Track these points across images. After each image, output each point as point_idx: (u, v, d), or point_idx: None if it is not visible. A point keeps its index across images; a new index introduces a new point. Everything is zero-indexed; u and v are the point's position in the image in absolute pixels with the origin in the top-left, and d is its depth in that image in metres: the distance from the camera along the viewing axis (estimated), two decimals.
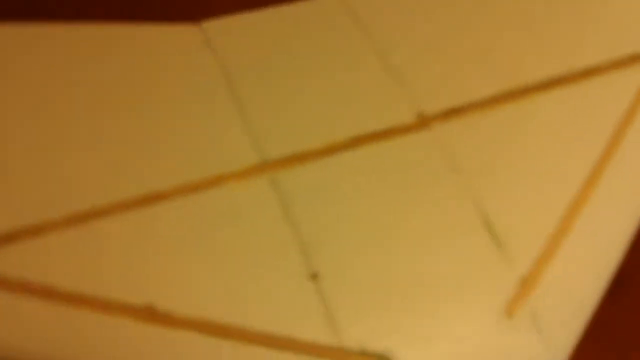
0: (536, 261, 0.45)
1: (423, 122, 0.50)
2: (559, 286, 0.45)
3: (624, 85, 0.52)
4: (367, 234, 0.45)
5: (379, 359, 0.41)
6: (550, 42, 0.55)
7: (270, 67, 0.53)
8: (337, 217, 0.46)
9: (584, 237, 0.47)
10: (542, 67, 0.53)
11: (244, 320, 0.42)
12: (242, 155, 0.48)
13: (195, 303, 0.42)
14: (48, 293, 0.42)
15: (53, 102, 0.50)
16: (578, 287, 0.45)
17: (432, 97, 0.51)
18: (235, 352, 0.41)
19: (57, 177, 0.46)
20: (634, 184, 0.49)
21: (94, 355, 0.41)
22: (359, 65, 0.53)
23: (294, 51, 0.54)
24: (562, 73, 0.53)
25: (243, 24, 0.56)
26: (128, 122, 0.49)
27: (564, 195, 0.48)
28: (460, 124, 0.50)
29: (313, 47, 0.54)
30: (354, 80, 0.52)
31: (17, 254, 0.43)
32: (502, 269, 0.44)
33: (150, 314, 0.41)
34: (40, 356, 0.41)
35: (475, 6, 0.56)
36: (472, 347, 0.42)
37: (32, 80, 0.52)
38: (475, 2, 0.56)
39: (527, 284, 0.44)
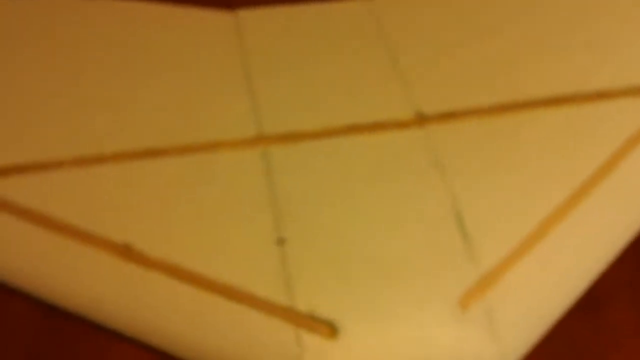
0: (501, 262, 0.46)
1: (419, 120, 0.53)
2: (520, 290, 0.45)
3: (627, 114, 0.52)
4: (340, 212, 0.48)
5: (325, 325, 0.43)
6: (561, 63, 0.56)
7: (286, 56, 0.57)
8: (316, 194, 0.48)
9: (556, 249, 0.47)
10: (546, 85, 0.54)
11: (209, 271, 0.45)
12: (242, 127, 0.52)
13: (169, 249, 0.45)
14: (43, 221, 0.47)
15: (89, 63, 0.56)
16: (541, 295, 0.46)
17: (433, 99, 0.54)
18: (196, 298, 0.44)
19: (73, 123, 0.51)
20: (620, 210, 0.50)
21: (73, 281, 0.45)
22: (369, 61, 0.56)
23: (312, 43, 0.57)
24: (565, 93, 0.54)
25: (273, 15, 0.60)
26: (146, 85, 0.54)
27: (542, 207, 0.48)
28: (455, 128, 0.52)
29: (331, 41, 0.58)
30: (361, 75, 0.55)
31: (24, 184, 0.48)
32: (464, 262, 0.46)
33: (127, 252, 0.45)
34: (22, 275, 0.46)
35: (493, 21, 0.58)
36: (419, 331, 0.44)
37: (76, 46, 0.57)
38: (494, 18, 0.58)
39: (486, 280, 0.45)
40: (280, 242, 0.46)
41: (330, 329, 0.43)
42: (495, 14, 0.59)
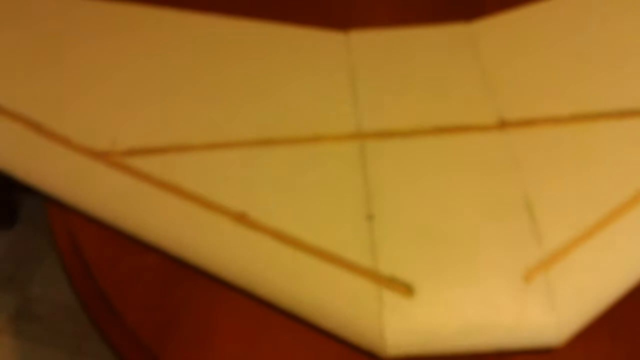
0: (564, 244, 0.51)
1: (502, 125, 0.60)
2: (579, 271, 0.51)
3: None
4: (424, 197, 0.55)
5: (403, 286, 0.50)
6: (630, 79, 0.61)
7: (388, 67, 0.66)
8: (404, 181, 0.56)
9: (615, 239, 0.52)
10: (616, 99, 0.60)
11: (309, 238, 0.53)
12: (343, 123, 0.61)
13: (277, 219, 0.55)
14: (177, 191, 0.57)
15: (230, 76, 0.67)
16: (599, 277, 0.51)
17: (515, 107, 0.61)
18: (296, 259, 0.53)
19: (205, 114, 0.62)
20: None
21: (197, 241, 0.55)
22: (462, 74, 0.64)
23: (411, 58, 0.66)
24: (631, 108, 0.59)
25: (379, 35, 0.70)
26: (268, 88, 0.64)
27: (606, 203, 0.54)
28: (531, 133, 0.59)
29: (428, 56, 0.66)
30: (453, 84, 0.63)
31: (164, 162, 0.59)
32: (531, 243, 0.52)
33: (242, 218, 0.55)
34: (158, 234, 0.56)
35: (574, 43, 0.65)
36: (484, 297, 0.50)
37: (218, 61, 0.69)
38: (575, 40, 0.65)
39: (549, 259, 0.51)
40: (370, 218, 0.54)
41: (407, 289, 0.50)
42: (575, 38, 0.65)
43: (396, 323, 0.49)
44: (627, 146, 0.58)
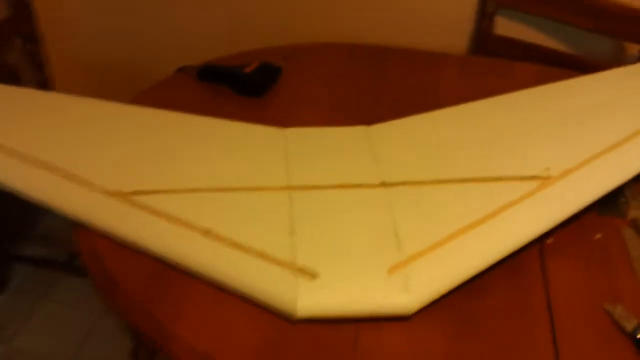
0: (415, 253, 0.81)
1: (382, 185, 0.91)
2: (424, 270, 0.80)
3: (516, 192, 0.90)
4: (329, 222, 0.85)
5: (310, 273, 0.79)
6: (479, 157, 0.95)
7: (311, 149, 0.98)
8: (316, 213, 0.87)
9: (452, 252, 0.83)
10: (469, 168, 0.93)
11: (252, 244, 0.82)
12: (279, 180, 0.92)
13: (233, 232, 0.84)
14: (165, 216, 0.86)
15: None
16: (437, 274, 0.80)
17: (391, 175, 0.93)
18: (243, 257, 0.82)
19: (187, 170, 0.93)
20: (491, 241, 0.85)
21: (175, 250, 0.83)
22: (360, 155, 0.97)
23: (330, 145, 1.00)
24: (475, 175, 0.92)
25: (308, 131, 1.03)
26: (225, 156, 0.95)
27: (443, 232, 0.84)
28: (401, 190, 0.91)
29: (340, 144, 0.99)
30: (354, 160, 0.96)
31: (166, 199, 0.88)
32: (395, 251, 0.81)
33: (208, 233, 0.84)
34: (156, 244, 0.84)
35: (444, 136, 1.00)
36: (363, 282, 0.78)
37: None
38: (445, 134, 1.00)
39: (404, 261, 0.80)
40: (292, 233, 0.84)
41: (312, 275, 0.79)
42: (440, 134, 1.00)
43: (305, 295, 0.77)
44: (459, 198, 0.90)
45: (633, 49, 1.44)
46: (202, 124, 1.05)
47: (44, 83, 1.69)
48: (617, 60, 1.47)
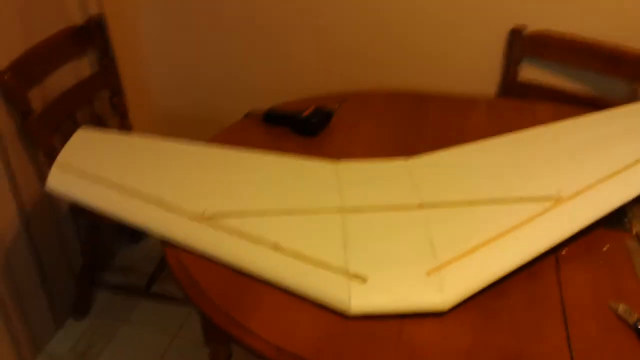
0: (448, 260, 0.98)
1: (420, 206, 1.09)
2: (457, 273, 0.97)
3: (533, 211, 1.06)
4: (376, 237, 1.03)
5: (361, 277, 0.97)
6: (497, 181, 1.12)
7: (362, 176, 1.17)
8: (365, 230, 1.05)
9: (476, 259, 0.99)
10: (493, 191, 1.10)
11: (316, 255, 1.01)
12: (333, 203, 1.10)
13: (299, 245, 1.02)
14: (240, 234, 1.05)
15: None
16: (467, 277, 0.96)
17: (427, 198, 1.11)
18: (312, 268, 1.00)
19: (258, 198, 1.12)
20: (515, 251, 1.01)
21: (248, 263, 1.03)
22: (402, 182, 1.15)
23: (377, 175, 1.18)
24: (498, 197, 1.09)
25: (358, 164, 1.21)
26: (289, 184, 1.15)
27: (472, 242, 1.01)
28: (436, 211, 1.08)
29: (386, 173, 1.18)
30: (397, 187, 1.14)
31: (244, 221, 1.08)
32: (431, 257, 0.98)
33: (276, 246, 1.02)
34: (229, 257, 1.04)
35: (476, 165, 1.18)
36: (405, 284, 0.95)
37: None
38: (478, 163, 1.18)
39: (441, 265, 0.97)
40: (345, 245, 1.02)
41: (363, 279, 0.96)
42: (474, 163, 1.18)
43: (357, 296, 0.94)
44: (485, 216, 1.06)
45: None
46: (268, 160, 1.25)
47: (126, 130, 1.90)
48: (631, 99, 1.64)
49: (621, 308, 0.94)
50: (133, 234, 2.11)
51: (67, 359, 1.71)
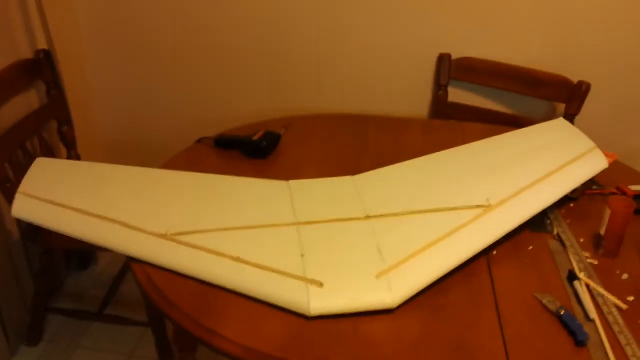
0: (395, 263, 1.10)
1: (367, 217, 1.21)
2: (403, 275, 1.08)
3: (466, 217, 1.19)
4: (330, 246, 1.14)
5: (317, 282, 1.07)
6: (439, 192, 1.25)
7: (311, 193, 1.27)
8: (320, 239, 1.15)
9: (420, 262, 1.11)
10: (430, 201, 1.22)
11: (275, 265, 1.10)
12: (288, 217, 1.20)
13: (258, 258, 1.12)
14: (203, 249, 1.14)
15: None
16: (412, 278, 1.08)
17: (373, 209, 1.22)
18: (270, 275, 1.09)
19: (216, 216, 1.21)
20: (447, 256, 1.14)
21: (212, 274, 1.11)
22: (349, 195, 1.26)
23: (326, 191, 1.28)
24: (436, 206, 1.22)
25: (307, 182, 1.32)
26: (243, 202, 1.24)
27: (414, 247, 1.13)
28: (382, 220, 1.20)
29: (333, 189, 1.29)
30: (344, 200, 1.25)
31: (199, 237, 1.17)
32: (379, 261, 1.09)
33: (238, 259, 1.12)
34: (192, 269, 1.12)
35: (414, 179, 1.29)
36: (356, 287, 1.06)
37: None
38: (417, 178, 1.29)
39: (388, 268, 1.09)
40: (302, 255, 1.12)
41: (320, 284, 1.07)
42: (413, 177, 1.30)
43: (315, 299, 1.03)
44: (424, 223, 1.19)
45: (560, 107, 1.79)
46: (222, 181, 1.34)
47: (75, 159, 1.94)
48: (549, 117, 1.82)
49: (545, 299, 1.07)
50: (81, 261, 2.14)
51: None
